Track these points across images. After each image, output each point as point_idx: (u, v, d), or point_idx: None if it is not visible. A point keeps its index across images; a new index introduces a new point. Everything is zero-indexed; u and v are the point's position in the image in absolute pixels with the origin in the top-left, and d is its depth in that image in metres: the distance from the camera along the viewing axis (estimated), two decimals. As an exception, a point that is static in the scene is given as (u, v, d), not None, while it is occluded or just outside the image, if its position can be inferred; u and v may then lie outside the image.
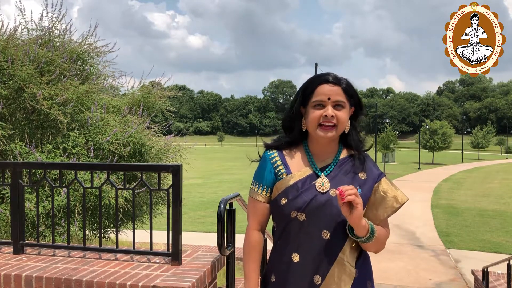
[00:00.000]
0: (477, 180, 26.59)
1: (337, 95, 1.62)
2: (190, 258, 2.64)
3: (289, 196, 1.64)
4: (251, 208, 1.76)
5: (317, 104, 1.63)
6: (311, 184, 1.65)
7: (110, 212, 4.91)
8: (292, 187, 1.65)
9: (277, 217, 1.70)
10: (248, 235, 1.75)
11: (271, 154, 1.73)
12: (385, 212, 1.67)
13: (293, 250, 1.65)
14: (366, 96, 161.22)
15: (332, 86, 1.62)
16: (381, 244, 1.68)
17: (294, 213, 1.63)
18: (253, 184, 1.75)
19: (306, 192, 1.63)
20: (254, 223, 1.75)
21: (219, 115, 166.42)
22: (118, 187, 2.77)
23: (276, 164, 1.71)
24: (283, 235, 1.68)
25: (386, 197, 1.67)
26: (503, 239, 10.84)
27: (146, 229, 3.39)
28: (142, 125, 5.25)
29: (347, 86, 1.65)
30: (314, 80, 1.67)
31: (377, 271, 7.81)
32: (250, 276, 1.72)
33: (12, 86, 4.62)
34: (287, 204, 1.64)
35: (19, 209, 2.75)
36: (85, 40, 5.54)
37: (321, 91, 1.62)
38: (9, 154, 4.56)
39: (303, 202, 1.62)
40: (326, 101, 1.62)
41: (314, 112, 1.63)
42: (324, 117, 1.61)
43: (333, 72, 1.68)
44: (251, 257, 1.73)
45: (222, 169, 33.64)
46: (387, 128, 36.96)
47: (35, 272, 2.39)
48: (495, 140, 69.56)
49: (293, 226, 1.64)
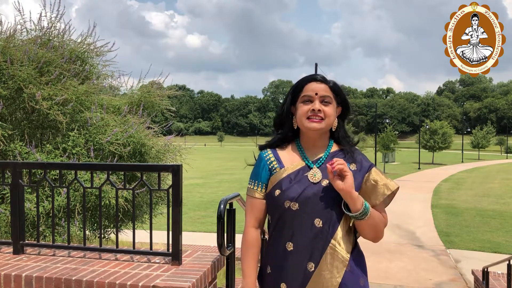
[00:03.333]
0: (477, 180, 26.59)
1: (324, 91, 1.74)
2: (190, 258, 2.64)
3: (282, 187, 1.72)
4: (249, 206, 1.82)
5: (306, 100, 1.74)
6: (303, 175, 1.73)
7: (110, 212, 4.91)
8: (285, 179, 1.73)
9: (272, 208, 1.77)
10: (246, 233, 1.80)
11: (265, 153, 1.83)
12: (377, 199, 1.73)
13: (287, 239, 1.71)
14: (366, 96, 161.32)
15: (320, 83, 1.75)
16: (378, 230, 1.72)
17: (287, 203, 1.70)
18: (249, 183, 1.83)
19: (299, 183, 1.71)
20: (251, 220, 1.80)
21: (219, 115, 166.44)
22: (118, 187, 2.76)
23: (270, 161, 1.80)
24: (277, 226, 1.74)
25: (377, 185, 1.74)
26: (503, 239, 10.84)
27: (146, 229, 3.39)
28: (142, 125, 5.25)
29: (333, 85, 1.78)
30: (303, 79, 1.80)
31: (377, 271, 7.81)
32: (248, 273, 1.76)
33: (11, 86, 4.62)
34: (280, 195, 1.71)
35: (19, 209, 2.75)
36: (84, 40, 5.54)
37: (309, 88, 1.75)
38: (9, 154, 4.56)
39: (296, 192, 1.69)
40: (314, 96, 1.73)
41: (303, 106, 1.75)
42: (312, 111, 1.72)
43: (321, 74, 1.82)
44: (249, 254, 1.77)
45: (222, 169, 33.64)
46: (387, 128, 36.95)
47: (35, 272, 2.38)
48: (495, 140, 69.53)
49: (286, 216, 1.71)
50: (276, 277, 1.72)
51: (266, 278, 1.77)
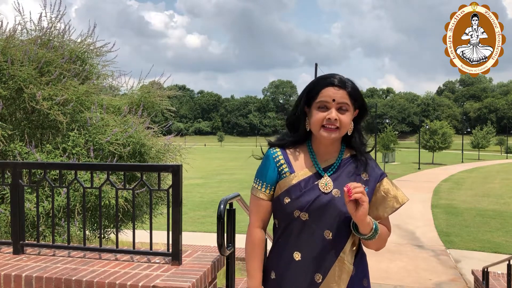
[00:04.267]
0: (477, 180, 26.59)
1: (342, 98, 1.63)
2: (190, 258, 2.64)
3: (292, 196, 1.65)
4: (254, 206, 1.76)
5: (321, 106, 1.63)
6: (314, 184, 1.66)
7: (110, 212, 4.91)
8: (295, 187, 1.66)
9: (280, 215, 1.71)
10: (251, 233, 1.75)
11: (274, 153, 1.74)
12: (385, 212, 1.69)
13: (294, 249, 1.66)
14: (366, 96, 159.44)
15: (338, 89, 1.63)
16: (382, 242, 1.69)
17: (297, 212, 1.64)
18: (255, 182, 1.75)
19: (309, 192, 1.64)
20: (256, 221, 1.75)
21: (219, 115, 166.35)
22: (118, 187, 2.76)
23: (279, 163, 1.72)
24: (284, 233, 1.69)
25: (387, 197, 1.69)
26: (503, 239, 10.84)
27: (146, 229, 3.39)
28: (141, 125, 5.25)
29: (352, 89, 1.66)
30: (319, 82, 1.67)
31: (377, 271, 7.81)
32: (254, 274, 1.73)
33: (12, 86, 4.62)
34: (290, 203, 1.65)
35: (19, 209, 2.75)
36: (84, 40, 5.54)
37: (326, 94, 1.63)
38: (9, 154, 4.56)
39: (306, 202, 1.63)
40: (331, 103, 1.62)
41: (318, 113, 1.64)
42: (327, 120, 1.62)
43: (339, 74, 1.68)
44: (255, 255, 1.74)
45: (222, 169, 33.64)
46: (387, 128, 37.00)
47: (35, 272, 2.38)
48: (495, 140, 69.52)
49: (295, 225, 1.65)
50: (280, 284, 1.69)
51: (270, 283, 1.74)
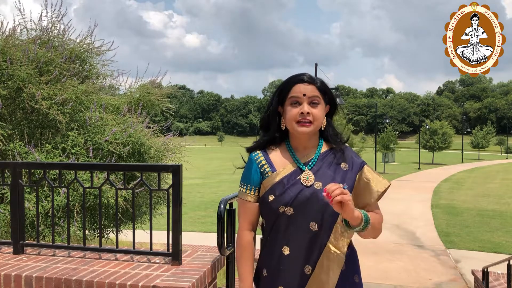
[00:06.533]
0: (477, 180, 26.60)
1: (312, 92, 1.71)
2: (190, 258, 2.63)
3: (276, 192, 1.71)
4: (241, 209, 1.81)
5: (294, 102, 1.72)
6: (296, 179, 1.72)
7: (110, 212, 4.90)
8: (279, 184, 1.72)
9: (266, 213, 1.76)
10: (240, 236, 1.80)
11: (256, 155, 1.80)
12: (372, 197, 1.74)
13: (283, 244, 1.71)
14: (366, 96, 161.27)
15: (308, 85, 1.72)
16: (377, 230, 1.74)
17: (282, 208, 1.69)
18: (241, 185, 1.81)
19: (292, 187, 1.70)
20: (245, 224, 1.80)
21: (219, 115, 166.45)
22: (117, 187, 2.76)
23: (261, 164, 1.78)
24: (273, 231, 1.74)
25: (370, 183, 1.74)
26: (503, 239, 10.84)
27: (146, 229, 3.38)
28: (141, 124, 5.25)
29: (321, 84, 1.75)
30: (290, 80, 1.76)
31: (377, 271, 7.81)
32: (244, 277, 1.77)
33: (11, 86, 4.62)
34: (274, 200, 1.71)
35: (19, 209, 2.74)
36: (84, 39, 5.54)
37: (297, 89, 1.72)
38: (8, 154, 4.56)
39: (290, 197, 1.69)
40: (302, 98, 1.71)
41: (292, 110, 1.72)
42: (300, 114, 1.70)
43: (308, 73, 1.78)
44: (245, 258, 1.78)
45: (222, 169, 33.63)
46: (387, 128, 36.94)
47: (35, 272, 2.38)
48: (495, 140, 69.50)
49: (282, 221, 1.71)
50: (272, 280, 1.73)
51: (262, 281, 1.78)
